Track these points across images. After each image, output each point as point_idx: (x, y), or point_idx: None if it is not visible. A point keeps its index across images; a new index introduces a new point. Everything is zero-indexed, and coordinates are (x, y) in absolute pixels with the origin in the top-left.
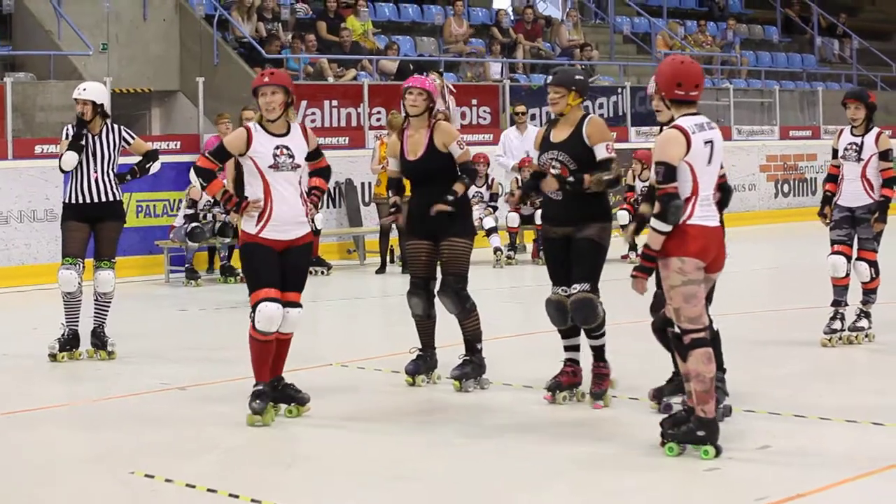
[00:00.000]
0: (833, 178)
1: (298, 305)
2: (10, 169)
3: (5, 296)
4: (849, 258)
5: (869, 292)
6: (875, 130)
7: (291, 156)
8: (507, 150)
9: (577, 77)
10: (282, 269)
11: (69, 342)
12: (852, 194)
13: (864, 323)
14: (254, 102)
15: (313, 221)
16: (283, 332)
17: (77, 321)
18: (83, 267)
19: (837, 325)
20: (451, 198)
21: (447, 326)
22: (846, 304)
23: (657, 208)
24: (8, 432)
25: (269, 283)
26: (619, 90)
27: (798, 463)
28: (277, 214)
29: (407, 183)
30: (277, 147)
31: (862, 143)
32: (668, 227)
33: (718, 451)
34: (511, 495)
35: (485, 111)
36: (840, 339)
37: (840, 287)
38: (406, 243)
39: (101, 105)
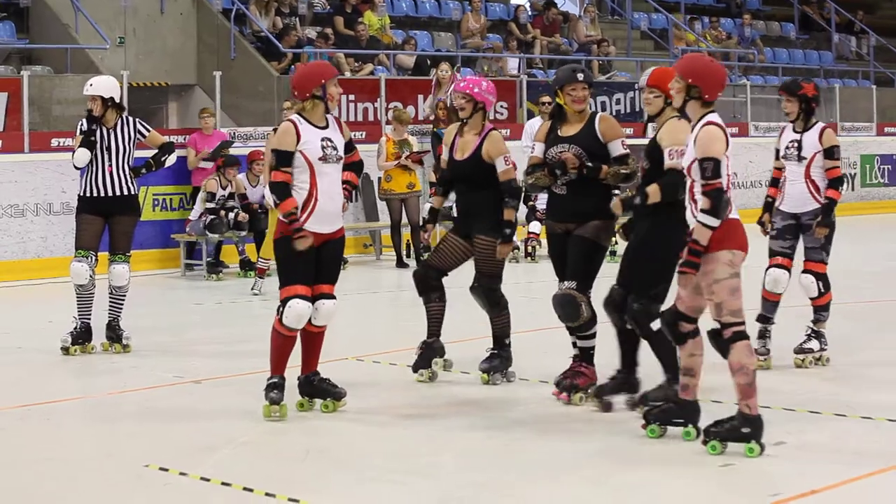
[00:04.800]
0: (776, 182)
1: (332, 297)
2: (27, 162)
3: (21, 289)
4: (790, 272)
5: (819, 309)
6: (818, 126)
7: (335, 148)
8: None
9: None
10: (317, 262)
11: (81, 335)
12: (797, 198)
13: (813, 344)
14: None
15: None
16: (317, 325)
17: (89, 314)
18: (96, 260)
19: (769, 344)
20: (508, 231)
21: (466, 322)
22: (774, 322)
23: (707, 204)
24: (23, 425)
25: (303, 281)
26: (636, 86)
27: (812, 459)
28: (321, 207)
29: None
30: (323, 139)
31: (801, 140)
32: (717, 223)
33: (762, 448)
34: (523, 489)
35: (502, 106)
36: (769, 358)
37: (771, 303)
38: (447, 234)
39: (111, 98)
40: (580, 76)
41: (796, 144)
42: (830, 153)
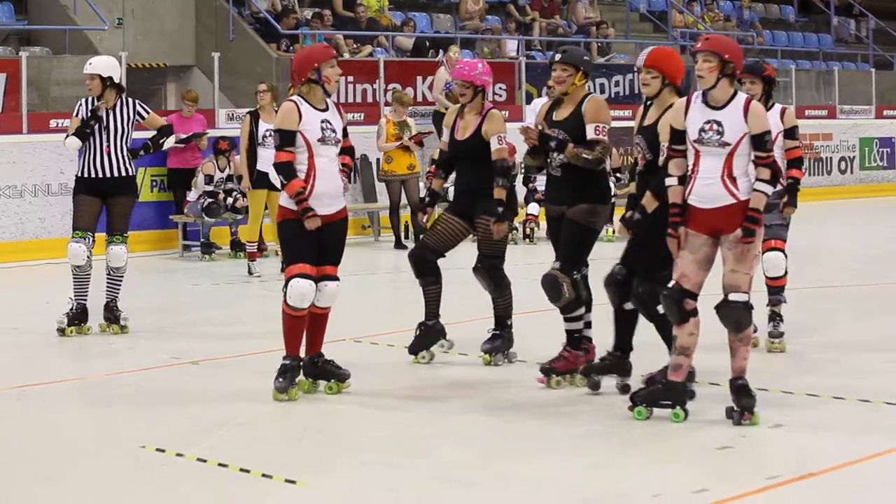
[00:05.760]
0: None
1: (336, 278)
2: (25, 143)
3: (19, 270)
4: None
5: (777, 290)
6: (778, 107)
7: (334, 130)
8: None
9: (586, 57)
10: (320, 244)
11: (77, 316)
12: None
13: (782, 328)
14: (270, 77)
15: None
16: (320, 307)
17: (86, 295)
18: (93, 241)
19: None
20: (500, 210)
21: (465, 304)
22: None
23: (769, 174)
24: (19, 406)
25: (305, 259)
26: (636, 68)
27: (810, 442)
28: (319, 189)
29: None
30: (323, 121)
31: None
32: (771, 192)
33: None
34: (521, 472)
35: (500, 88)
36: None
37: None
38: (443, 213)
39: (110, 78)
40: (557, 56)
41: None
42: (791, 133)
